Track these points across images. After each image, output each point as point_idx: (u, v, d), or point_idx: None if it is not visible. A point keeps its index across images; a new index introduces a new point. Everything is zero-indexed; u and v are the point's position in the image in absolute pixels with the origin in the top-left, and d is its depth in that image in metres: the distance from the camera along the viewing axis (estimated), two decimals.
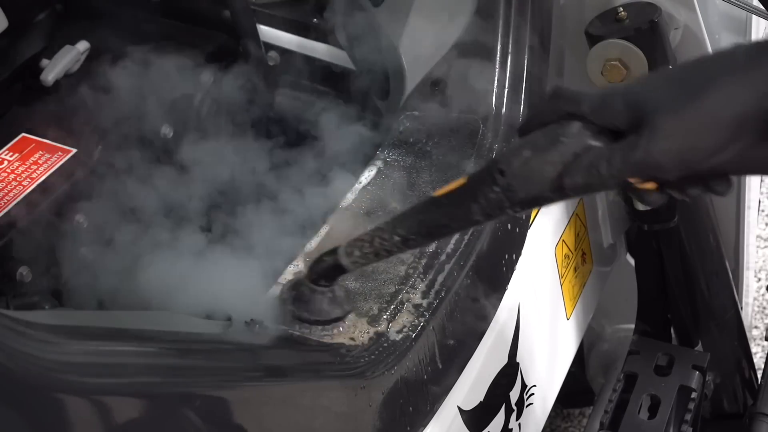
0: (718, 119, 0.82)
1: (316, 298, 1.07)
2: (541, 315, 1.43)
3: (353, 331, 1.11)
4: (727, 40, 0.88)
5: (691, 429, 1.51)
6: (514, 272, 1.28)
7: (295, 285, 1.09)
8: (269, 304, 1.11)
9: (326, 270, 1.05)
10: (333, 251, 1.03)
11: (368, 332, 1.11)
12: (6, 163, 1.36)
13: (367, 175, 1.31)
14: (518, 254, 1.29)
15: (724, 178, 0.86)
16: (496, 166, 0.89)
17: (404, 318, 1.13)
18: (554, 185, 0.87)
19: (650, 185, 0.87)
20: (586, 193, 0.88)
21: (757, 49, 0.83)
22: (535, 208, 0.90)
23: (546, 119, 0.90)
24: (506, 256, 1.27)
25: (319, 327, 1.10)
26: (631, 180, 0.85)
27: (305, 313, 1.08)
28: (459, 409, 1.22)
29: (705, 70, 0.84)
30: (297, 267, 1.19)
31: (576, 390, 1.93)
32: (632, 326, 1.71)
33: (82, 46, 1.48)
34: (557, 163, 0.86)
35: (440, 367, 1.14)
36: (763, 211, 2.61)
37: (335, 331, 1.11)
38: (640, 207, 1.54)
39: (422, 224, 0.97)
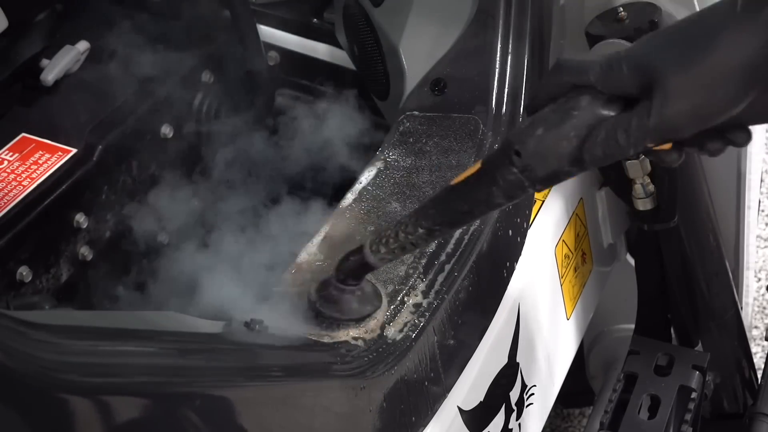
0: (726, 71, 0.81)
1: (345, 297, 1.07)
2: (541, 315, 1.43)
3: (353, 331, 1.11)
4: None
5: (691, 429, 1.51)
6: (514, 272, 1.28)
7: (323, 285, 1.08)
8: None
9: (353, 268, 1.05)
10: (359, 249, 1.03)
11: (368, 332, 1.11)
12: (6, 163, 1.36)
13: (367, 175, 1.31)
14: (518, 254, 1.29)
15: (741, 128, 0.86)
16: (511, 148, 0.89)
17: (404, 318, 1.13)
18: (573, 159, 0.86)
19: (667, 145, 0.86)
20: (606, 163, 0.87)
21: None
22: (555, 183, 0.92)
23: (553, 93, 0.89)
24: (506, 257, 1.27)
25: (345, 324, 1.08)
26: (650, 144, 0.84)
27: (336, 313, 1.07)
28: (459, 409, 1.22)
29: (705, 25, 0.83)
30: (294, 269, 1.19)
31: (576, 390, 1.93)
32: (632, 326, 1.71)
33: (82, 46, 1.48)
34: (572, 137, 0.86)
35: (440, 366, 1.14)
36: (763, 211, 2.61)
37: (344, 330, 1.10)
38: (640, 207, 1.54)
39: (445, 214, 0.97)
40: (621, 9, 1.39)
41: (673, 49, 0.84)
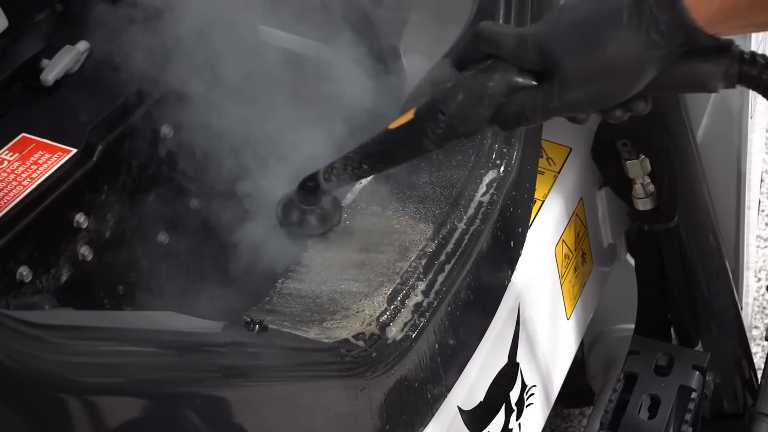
0: (615, 66, 0.90)
1: (306, 216, 1.19)
2: (541, 315, 1.43)
3: (353, 330, 1.11)
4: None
5: (691, 429, 1.51)
6: (514, 272, 1.28)
7: (286, 205, 1.19)
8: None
9: (310, 191, 1.17)
10: (313, 176, 1.15)
11: (368, 332, 1.11)
12: (6, 163, 1.36)
13: None
14: (518, 254, 1.29)
15: (640, 98, 0.94)
16: (437, 107, 1.00)
17: (404, 318, 1.13)
18: (489, 122, 0.99)
19: None
20: (521, 126, 0.99)
21: None
22: (477, 135, 1.08)
23: (472, 57, 0.99)
24: (506, 256, 1.27)
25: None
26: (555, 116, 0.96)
27: (299, 230, 1.19)
28: (459, 409, 1.22)
29: (597, 19, 0.90)
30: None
31: (576, 390, 1.93)
32: (632, 326, 1.71)
33: (82, 46, 1.48)
34: (488, 105, 0.97)
35: (440, 367, 1.14)
36: (763, 211, 2.61)
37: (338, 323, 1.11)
38: (640, 207, 1.54)
39: (384, 154, 1.10)
40: None
41: (571, 39, 0.92)
